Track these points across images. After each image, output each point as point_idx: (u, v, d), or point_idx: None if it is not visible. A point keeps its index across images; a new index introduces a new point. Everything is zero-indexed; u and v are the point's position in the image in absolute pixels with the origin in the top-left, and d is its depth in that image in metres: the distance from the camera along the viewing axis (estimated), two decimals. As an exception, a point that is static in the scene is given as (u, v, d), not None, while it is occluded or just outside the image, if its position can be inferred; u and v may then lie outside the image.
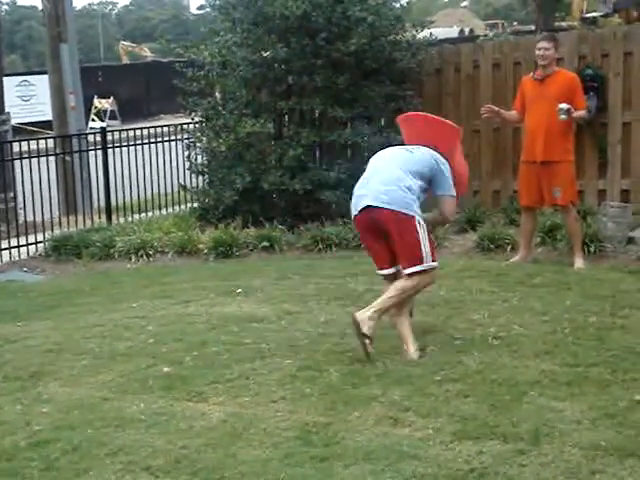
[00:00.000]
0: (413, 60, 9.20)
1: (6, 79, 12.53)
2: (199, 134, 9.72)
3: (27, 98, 24.33)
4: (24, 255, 9.04)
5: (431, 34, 9.76)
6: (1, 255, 8.92)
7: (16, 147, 9.75)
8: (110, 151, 10.07)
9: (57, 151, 10.60)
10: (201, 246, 8.47)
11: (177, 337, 5.49)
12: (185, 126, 10.24)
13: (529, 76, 7.30)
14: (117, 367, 5.01)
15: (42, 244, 9.11)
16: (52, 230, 9.34)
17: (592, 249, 7.39)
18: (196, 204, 9.79)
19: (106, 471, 3.71)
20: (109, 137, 10.25)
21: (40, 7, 12.60)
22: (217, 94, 9.75)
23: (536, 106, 7.06)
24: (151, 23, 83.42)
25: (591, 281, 6.45)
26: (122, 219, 10.00)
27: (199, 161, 9.78)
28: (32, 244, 9.15)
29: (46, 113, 18.66)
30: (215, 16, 10.15)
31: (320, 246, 8.19)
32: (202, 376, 4.73)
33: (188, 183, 10.01)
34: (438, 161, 5.05)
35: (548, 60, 7.03)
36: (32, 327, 6.07)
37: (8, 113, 11.53)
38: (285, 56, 8.84)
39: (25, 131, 19.97)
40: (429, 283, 5.08)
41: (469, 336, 5.19)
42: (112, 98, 27.26)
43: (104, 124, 21.83)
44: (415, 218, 4.85)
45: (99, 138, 10.20)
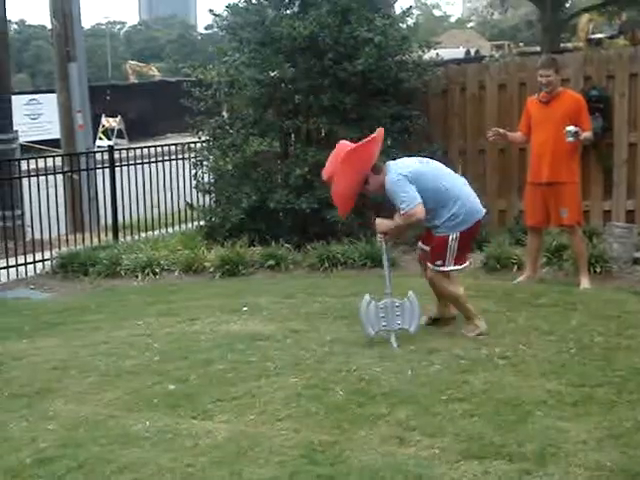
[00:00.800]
0: (419, 80, 9.25)
1: (14, 98, 12.61)
2: (206, 153, 9.76)
3: (35, 117, 24.45)
4: (31, 273, 9.06)
5: (437, 55, 9.82)
6: (8, 272, 8.95)
7: (24, 165, 9.80)
8: (117, 169, 10.11)
9: (65, 169, 10.65)
10: (207, 264, 8.48)
11: (183, 355, 5.49)
12: (192, 145, 10.29)
13: (534, 97, 7.33)
14: (123, 384, 5.02)
15: (49, 262, 9.13)
16: (59, 248, 9.37)
17: (598, 269, 7.40)
18: (203, 222, 9.82)
19: (111, 488, 3.71)
20: (116, 155, 10.30)
21: (49, 26, 12.69)
22: (224, 113, 9.80)
23: (542, 127, 7.08)
24: (159, 43, 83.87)
25: (597, 301, 6.45)
26: (129, 237, 10.03)
27: (206, 180, 9.82)
28: (39, 262, 9.18)
29: (54, 132, 18.74)
30: (222, 36, 10.22)
31: (326, 265, 8.20)
32: (207, 394, 4.74)
33: (195, 201, 10.05)
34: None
35: (552, 86, 7.06)
36: (38, 344, 6.08)
37: (16, 131, 11.61)
38: (292, 76, 8.90)
39: (33, 149, 20.07)
40: None
41: (475, 356, 5.19)
42: (120, 117, 27.38)
43: (111, 142, 21.93)
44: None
45: (106, 156, 10.25)
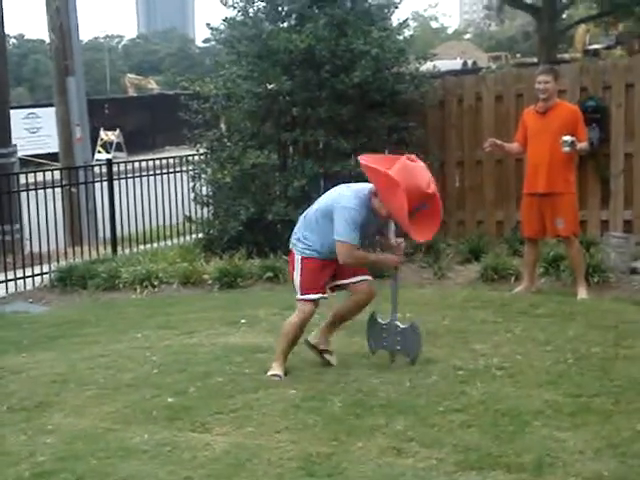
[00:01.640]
0: (416, 92, 9.28)
1: (13, 112, 12.66)
2: (204, 165, 9.78)
3: (34, 130, 24.50)
4: (29, 286, 9.07)
5: (434, 66, 9.88)
6: (7, 286, 8.95)
7: (22, 179, 9.82)
8: (116, 183, 10.13)
9: (63, 183, 10.67)
10: (206, 277, 8.49)
11: (181, 368, 5.50)
12: (190, 158, 10.31)
13: (531, 108, 7.35)
14: (121, 398, 5.02)
15: (47, 275, 9.15)
16: (57, 261, 9.38)
17: (595, 279, 7.41)
18: (201, 235, 9.84)
19: (110, 501, 3.72)
20: (115, 169, 10.32)
21: (47, 41, 12.75)
22: (222, 126, 9.83)
23: (538, 138, 7.11)
24: (157, 56, 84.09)
25: (594, 311, 6.46)
26: (127, 250, 10.04)
27: (204, 192, 9.84)
28: (37, 275, 9.18)
29: (52, 145, 18.78)
30: (220, 49, 10.26)
31: (324, 277, 8.20)
32: (206, 407, 4.74)
33: (193, 214, 10.07)
34: (338, 202, 5.07)
35: (548, 93, 7.09)
36: (37, 358, 6.09)
37: (15, 145, 11.64)
38: (289, 88, 8.93)
39: (32, 163, 20.09)
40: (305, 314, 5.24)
41: (472, 366, 5.19)
42: (118, 130, 27.43)
43: (110, 156, 21.97)
44: (295, 255, 5.28)
45: (105, 170, 10.27)
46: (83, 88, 12.43)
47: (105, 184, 10.17)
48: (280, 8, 9.43)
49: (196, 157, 10.08)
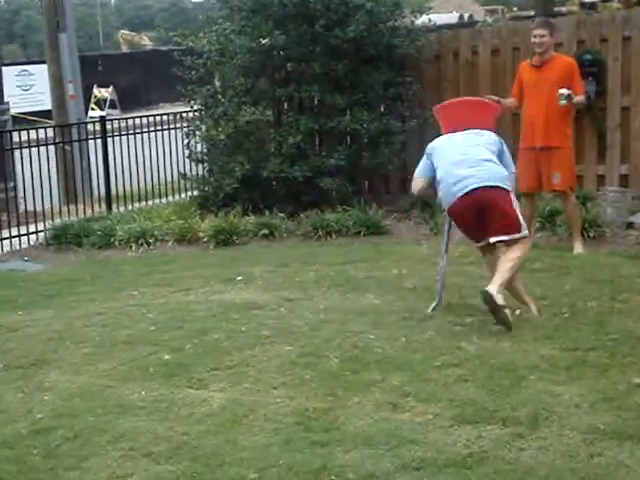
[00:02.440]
0: (412, 46, 9.18)
1: (5, 69, 12.56)
2: (198, 122, 9.71)
3: (26, 88, 24.28)
4: (25, 244, 9.05)
5: (430, 20, 9.74)
6: (2, 244, 8.93)
7: (16, 137, 9.74)
8: (110, 140, 10.06)
9: (57, 140, 10.60)
10: (201, 234, 8.47)
11: (177, 325, 5.51)
12: (184, 114, 10.23)
13: (526, 62, 7.28)
14: (118, 355, 5.04)
15: (42, 233, 9.12)
16: (52, 219, 9.35)
17: (591, 234, 7.40)
18: (196, 192, 9.80)
19: (107, 458, 3.74)
20: (108, 126, 10.25)
21: (38, -4, 12.58)
22: (216, 82, 9.73)
23: (534, 92, 7.05)
24: (150, 11, 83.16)
25: (590, 266, 6.46)
26: (122, 208, 10.00)
27: (199, 149, 9.78)
28: (32, 233, 9.16)
29: (45, 102, 18.61)
30: (213, 4, 10.14)
31: (320, 233, 8.20)
32: (202, 363, 4.75)
33: (188, 171, 10.02)
34: (501, 141, 5.50)
35: (545, 47, 7.01)
36: (33, 316, 6.09)
37: (8, 103, 11.56)
38: (283, 43, 8.83)
39: (25, 120, 19.96)
40: (529, 249, 5.38)
41: (468, 321, 5.21)
42: (112, 87, 27.21)
43: (104, 113, 21.81)
44: (510, 193, 5.29)
45: (99, 127, 10.20)
46: (75, 44, 12.30)
47: (99, 142, 10.10)
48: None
49: (190, 114, 10.00)
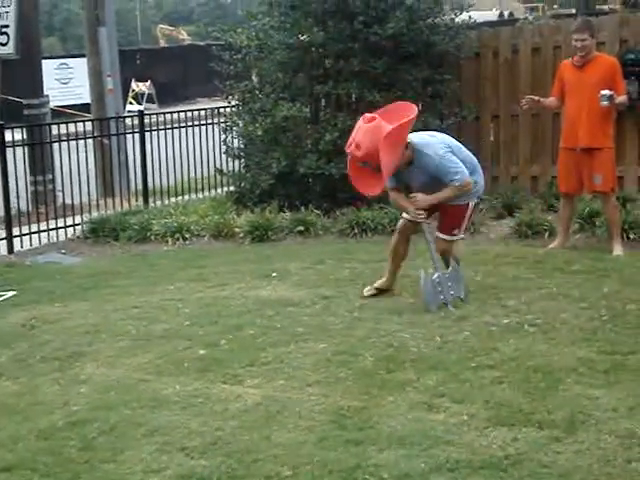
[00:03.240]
0: (451, 44, 9.12)
1: (45, 62, 12.65)
2: (235, 118, 9.72)
3: (65, 81, 24.50)
4: (62, 237, 9.12)
5: (470, 17, 9.65)
6: (40, 237, 9.01)
7: (55, 130, 9.83)
8: (147, 134, 10.11)
9: (95, 134, 10.68)
10: (237, 230, 8.49)
11: (213, 320, 5.52)
12: (222, 110, 10.25)
13: (568, 62, 7.20)
14: (154, 349, 5.06)
15: (80, 226, 9.19)
16: (90, 212, 9.42)
17: (631, 236, 7.31)
18: (232, 188, 9.82)
19: (142, 451, 3.75)
20: (146, 120, 10.30)
21: (79, -10, 12.68)
22: (254, 78, 9.74)
23: (576, 92, 6.97)
24: (189, 6, 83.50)
25: (630, 268, 6.37)
26: (159, 202, 10.06)
27: (235, 145, 9.80)
28: (70, 226, 9.23)
29: (84, 96, 18.78)
30: (252, -1, 10.15)
31: (356, 231, 8.17)
32: (237, 359, 4.76)
33: (224, 167, 10.04)
34: None
35: (586, 50, 6.94)
36: (70, 308, 6.14)
37: (47, 96, 11.64)
38: (322, 40, 8.81)
39: (63, 114, 20.13)
40: None
41: (505, 322, 5.16)
42: (150, 81, 27.37)
43: (141, 107, 21.95)
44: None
45: (137, 121, 10.25)
46: (115, 38, 12.37)
47: (137, 136, 10.15)
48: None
49: (228, 109, 10.02)
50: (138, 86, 27.27)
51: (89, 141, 10.42)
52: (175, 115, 10.50)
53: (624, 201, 7.86)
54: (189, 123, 10.39)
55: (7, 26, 10.66)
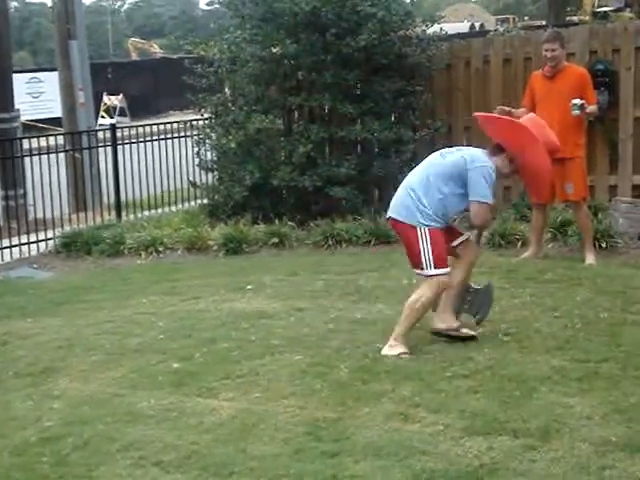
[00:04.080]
0: (423, 55, 9.17)
1: (15, 76, 12.59)
2: (208, 130, 9.71)
3: (36, 95, 24.36)
4: (34, 252, 9.06)
5: (441, 29, 9.72)
6: (11, 252, 8.95)
7: (26, 144, 9.77)
8: (120, 148, 10.07)
9: (67, 148, 10.62)
10: (211, 242, 8.47)
11: (187, 333, 5.50)
12: (195, 122, 10.24)
13: (538, 72, 7.27)
14: (127, 363, 5.03)
15: (52, 241, 9.13)
16: (62, 227, 9.37)
17: (603, 245, 7.37)
18: (206, 200, 9.79)
19: (117, 466, 3.72)
20: (118, 134, 10.26)
21: (49, 4, 12.65)
22: (226, 90, 9.74)
23: (547, 102, 7.03)
24: (160, 19, 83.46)
25: (602, 277, 6.42)
26: (132, 216, 10.01)
27: (209, 157, 9.78)
28: (42, 241, 9.17)
29: (55, 110, 18.68)
30: (224, 12, 10.15)
31: (330, 242, 8.18)
32: (212, 372, 4.74)
33: (198, 179, 10.02)
34: (473, 162, 4.94)
35: (556, 60, 7.01)
36: (42, 323, 6.09)
37: (18, 110, 11.57)
38: (294, 52, 8.83)
39: (35, 128, 20.02)
40: (436, 290, 4.95)
41: (479, 332, 5.17)
42: (121, 95, 27.27)
43: (113, 121, 21.85)
44: (416, 228, 4.91)
45: (109, 135, 10.21)
46: (86, 52, 12.32)
47: (109, 149, 10.11)
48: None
49: (200, 122, 10.01)
50: (110, 99, 27.16)
51: (61, 155, 10.36)
52: (147, 128, 10.47)
53: (596, 210, 7.93)
54: (162, 136, 10.36)
55: (-23, 40, 10.60)
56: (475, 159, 4.97)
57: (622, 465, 3.49)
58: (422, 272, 4.94)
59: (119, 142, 10.10)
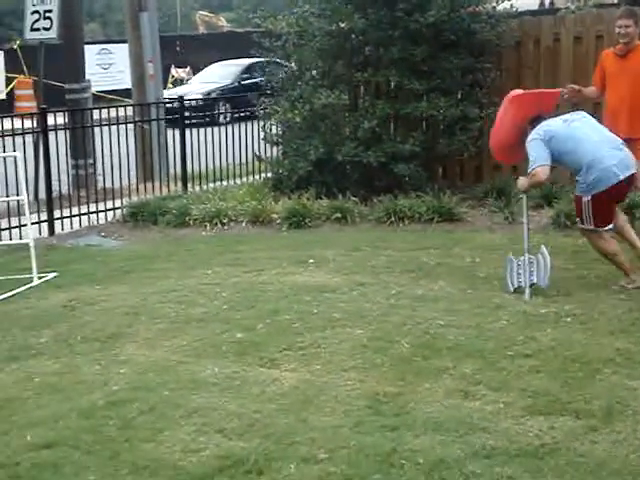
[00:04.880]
0: (492, 32, 9.04)
1: (86, 47, 12.75)
2: (275, 105, 9.75)
3: (106, 66, 24.70)
4: (102, 221, 9.23)
5: (511, 6, 9.57)
6: (80, 220, 9.13)
7: (95, 114, 9.93)
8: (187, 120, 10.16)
9: (135, 119, 10.76)
10: (274, 216, 8.52)
11: (250, 304, 5.57)
12: (260, 97, 10.28)
13: (610, 51, 7.12)
14: (192, 331, 5.12)
15: (119, 210, 9.29)
16: (129, 197, 9.52)
17: (672, 228, 7.22)
18: (270, 174, 9.85)
19: (181, 432, 3.81)
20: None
21: (121, -24, 12.75)
22: (293, 65, 9.75)
23: (618, 82, 6.89)
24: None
25: (670, 260, 6.30)
26: (197, 187, 10.13)
27: (274, 132, 9.83)
28: (110, 210, 9.33)
29: (124, 81, 18.92)
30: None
31: (393, 219, 8.16)
32: (274, 343, 4.81)
33: (263, 153, 10.08)
34: None
35: (629, 37, 6.86)
36: (110, 291, 6.23)
37: (89, 81, 11.76)
38: (362, 27, 8.79)
39: (104, 99, 20.30)
40: None
41: (543, 312, 5.15)
42: (189, 67, 27.48)
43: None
44: None
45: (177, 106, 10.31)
46: (156, 24, 12.43)
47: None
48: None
49: (266, 97, 10.04)
50: (177, 72, 27.39)
51: (129, 126, 10.50)
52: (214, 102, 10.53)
53: (665, 192, 7.76)
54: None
55: (50, 11, 10.79)
56: None
57: (685, 450, 3.45)
58: None
59: (187, 114, 10.18)
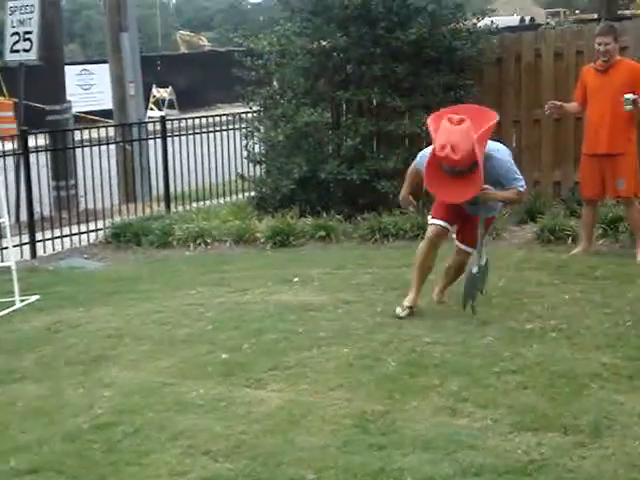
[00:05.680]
0: (473, 49, 9.09)
1: (67, 68, 12.72)
2: (257, 123, 9.75)
3: (87, 87, 24.63)
4: (84, 242, 9.18)
5: (492, 22, 9.64)
6: (62, 242, 9.08)
7: (77, 135, 9.89)
8: (169, 140, 10.14)
9: (117, 139, 10.73)
10: (258, 235, 8.50)
11: (235, 324, 5.54)
12: (243, 115, 10.29)
13: (590, 66, 7.18)
14: (176, 353, 5.08)
15: (102, 231, 9.24)
16: (112, 218, 9.48)
17: (655, 241, 7.25)
18: (253, 193, 9.84)
19: (167, 454, 3.77)
20: (168, 126, 10.34)
21: (101, -3, 12.76)
22: (275, 83, 9.76)
23: (598, 97, 6.95)
24: (209, 12, 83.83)
25: (654, 274, 6.33)
26: (180, 207, 10.10)
27: (257, 150, 9.82)
28: (92, 231, 9.28)
29: (105, 102, 18.86)
30: (274, 5, 10.16)
31: (377, 236, 8.17)
32: (260, 363, 4.78)
33: (246, 172, 10.07)
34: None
35: (609, 54, 6.92)
36: (93, 313, 6.18)
37: (69, 102, 11.72)
38: (344, 45, 8.82)
39: (85, 120, 20.25)
40: None
41: (528, 328, 5.15)
42: (170, 87, 27.49)
43: (162, 113, 22.02)
44: None
45: (158, 127, 10.29)
46: (136, 44, 12.43)
47: (159, 141, 10.19)
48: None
49: (249, 115, 10.05)
50: (159, 92, 27.39)
51: (111, 147, 10.47)
52: (197, 121, 10.53)
53: (647, 206, 7.80)
54: (210, 129, 10.42)
55: (30, 32, 10.76)
56: None
57: (674, 464, 3.44)
58: None
59: (169, 134, 10.17)
